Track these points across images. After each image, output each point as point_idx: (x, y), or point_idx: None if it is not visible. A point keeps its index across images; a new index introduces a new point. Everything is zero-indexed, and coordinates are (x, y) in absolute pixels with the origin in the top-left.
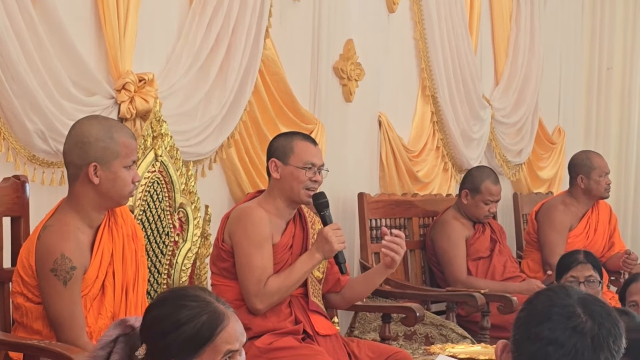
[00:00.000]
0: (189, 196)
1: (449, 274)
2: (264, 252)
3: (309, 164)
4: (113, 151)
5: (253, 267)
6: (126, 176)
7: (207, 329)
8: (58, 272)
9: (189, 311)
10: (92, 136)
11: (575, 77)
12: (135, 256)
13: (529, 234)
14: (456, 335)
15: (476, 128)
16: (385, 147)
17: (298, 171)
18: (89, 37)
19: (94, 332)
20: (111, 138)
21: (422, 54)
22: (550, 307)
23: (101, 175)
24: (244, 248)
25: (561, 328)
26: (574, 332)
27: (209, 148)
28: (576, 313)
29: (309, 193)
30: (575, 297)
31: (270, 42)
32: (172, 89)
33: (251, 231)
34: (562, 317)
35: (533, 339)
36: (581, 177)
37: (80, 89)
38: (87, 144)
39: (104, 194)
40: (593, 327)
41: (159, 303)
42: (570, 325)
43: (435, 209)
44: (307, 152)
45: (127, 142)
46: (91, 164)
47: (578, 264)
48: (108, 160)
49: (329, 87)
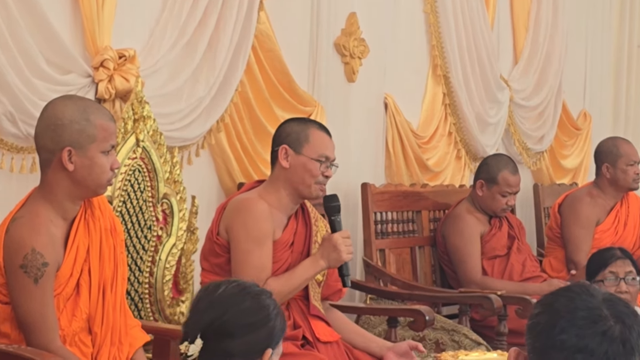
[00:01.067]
0: (174, 186)
1: (462, 274)
2: (264, 250)
3: (324, 157)
4: (89, 134)
5: (251, 266)
6: (104, 162)
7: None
8: (28, 268)
9: (269, 301)
10: (66, 118)
11: (603, 56)
12: (114, 252)
13: (551, 229)
14: (470, 341)
15: (493, 112)
16: (391, 133)
17: (312, 163)
18: (63, 9)
19: (68, 335)
20: (87, 120)
21: (433, 29)
22: (575, 310)
23: (76, 161)
24: (242, 244)
25: (590, 334)
26: (604, 338)
27: (196, 132)
28: (603, 316)
29: (321, 187)
30: (600, 298)
31: (265, 15)
32: (155, 66)
33: (251, 226)
34: (589, 321)
35: (559, 347)
36: (607, 166)
37: (53, 67)
38: (61, 126)
39: (79, 182)
40: (623, 330)
41: (230, 300)
42: (599, 330)
43: (447, 202)
44: (323, 143)
45: (106, 125)
46: (65, 149)
47: (617, 259)
48: (84, 144)
49: (330, 65)
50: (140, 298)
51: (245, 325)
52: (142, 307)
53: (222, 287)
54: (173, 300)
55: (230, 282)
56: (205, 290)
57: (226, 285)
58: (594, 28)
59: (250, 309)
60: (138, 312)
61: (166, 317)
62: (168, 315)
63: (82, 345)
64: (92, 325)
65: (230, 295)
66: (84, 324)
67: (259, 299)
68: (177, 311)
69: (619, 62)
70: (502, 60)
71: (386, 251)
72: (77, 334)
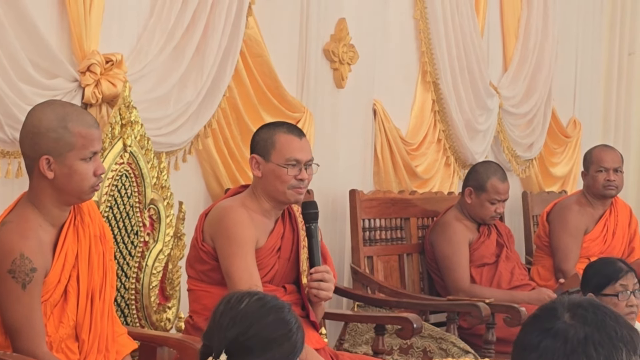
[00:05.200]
0: (161, 191)
1: (450, 282)
2: (248, 255)
3: (292, 161)
4: (66, 142)
5: (240, 269)
6: (84, 169)
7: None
8: (16, 273)
9: (290, 315)
10: (42, 126)
11: (593, 63)
12: (103, 259)
13: (540, 237)
14: (458, 349)
15: (482, 119)
16: (380, 139)
17: (280, 169)
18: (50, 13)
19: (54, 342)
20: (64, 128)
21: (422, 36)
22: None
23: (55, 169)
24: (226, 249)
25: (536, 330)
26: (547, 334)
27: (184, 138)
28: (557, 316)
29: (298, 191)
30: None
31: (254, 20)
32: (143, 71)
33: (232, 232)
34: (541, 320)
35: (517, 347)
36: (583, 172)
37: (39, 71)
38: (38, 134)
39: (60, 189)
40: (574, 330)
41: (254, 315)
42: (545, 327)
43: (435, 209)
44: (289, 147)
45: (84, 132)
46: (43, 157)
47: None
48: (61, 152)
49: (319, 71)
50: (127, 304)
51: (269, 341)
52: (128, 313)
53: (244, 300)
54: (159, 307)
55: (252, 295)
56: (227, 303)
57: (249, 299)
58: (584, 35)
59: (273, 324)
60: (124, 318)
61: (152, 324)
62: (154, 322)
63: (68, 352)
64: (79, 332)
65: (254, 310)
66: (71, 331)
67: (281, 313)
68: (163, 317)
69: (610, 70)
70: (491, 67)
71: (374, 258)
72: (63, 340)
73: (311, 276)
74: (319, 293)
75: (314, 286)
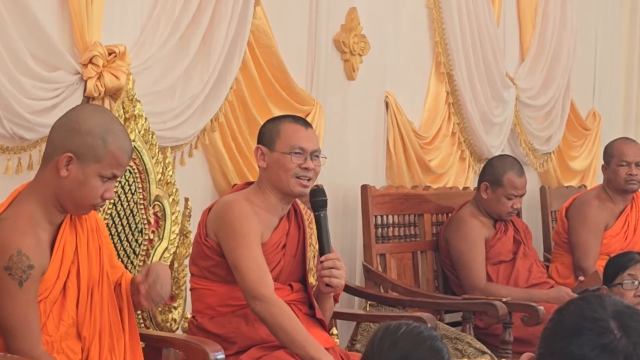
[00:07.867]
0: (166, 187)
1: (465, 280)
2: (255, 247)
3: (297, 149)
4: (97, 153)
5: (249, 261)
6: (96, 186)
7: None
8: (13, 270)
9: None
10: (85, 126)
11: (613, 53)
12: (99, 253)
13: (559, 233)
14: (474, 350)
15: (498, 111)
16: (393, 133)
17: (284, 157)
18: (50, 3)
19: (55, 341)
20: (103, 139)
21: (436, 25)
22: (581, 319)
23: (72, 170)
24: (231, 241)
25: (590, 345)
26: (604, 351)
27: (190, 132)
28: (609, 329)
29: (301, 182)
30: (610, 310)
31: (261, 10)
32: (147, 63)
33: (237, 225)
34: (593, 333)
35: (557, 354)
36: (603, 166)
37: (40, 64)
38: (76, 132)
39: (66, 191)
40: (627, 345)
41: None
42: (600, 343)
43: (450, 205)
44: (294, 135)
45: (118, 154)
46: (67, 153)
47: (636, 263)
48: (86, 159)
49: (329, 62)
50: None
51: None
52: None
53: (402, 327)
54: (165, 307)
55: (408, 324)
56: (386, 330)
57: (405, 327)
58: (603, 24)
59: (429, 351)
60: None
61: (158, 324)
62: (160, 322)
63: (70, 352)
64: (80, 329)
65: (412, 337)
66: (71, 329)
67: (435, 341)
68: (169, 318)
69: (630, 60)
70: (508, 58)
71: (387, 256)
72: (64, 339)
73: (322, 264)
74: (330, 281)
75: (326, 274)
